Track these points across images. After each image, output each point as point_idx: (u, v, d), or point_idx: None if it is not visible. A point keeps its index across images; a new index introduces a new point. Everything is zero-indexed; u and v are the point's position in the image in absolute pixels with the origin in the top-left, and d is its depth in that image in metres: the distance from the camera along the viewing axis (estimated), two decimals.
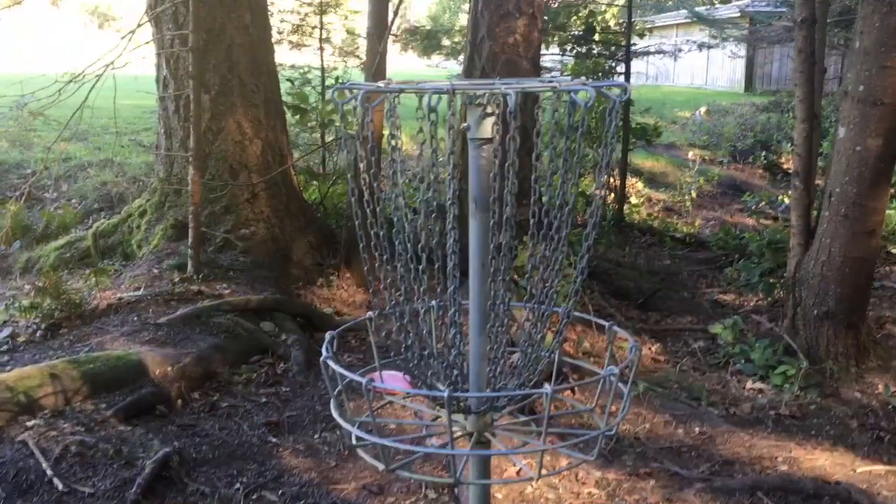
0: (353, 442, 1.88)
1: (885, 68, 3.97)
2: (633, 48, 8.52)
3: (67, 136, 6.69)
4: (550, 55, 9.46)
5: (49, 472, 2.98)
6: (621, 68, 8.41)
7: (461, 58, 11.34)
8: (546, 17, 7.43)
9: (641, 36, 8.62)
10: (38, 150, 8.80)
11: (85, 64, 5.44)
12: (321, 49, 7.22)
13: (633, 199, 9.18)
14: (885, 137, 4.04)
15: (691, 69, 24.30)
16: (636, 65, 8.99)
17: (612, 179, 7.55)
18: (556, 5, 8.90)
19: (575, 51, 8.56)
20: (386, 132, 1.78)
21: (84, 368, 3.66)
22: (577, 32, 8.59)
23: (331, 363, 1.86)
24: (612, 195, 7.97)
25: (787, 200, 8.99)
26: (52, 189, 7.61)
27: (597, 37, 8.49)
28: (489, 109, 1.82)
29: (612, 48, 8.51)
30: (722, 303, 5.85)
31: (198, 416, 3.69)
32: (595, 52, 8.47)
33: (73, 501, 2.88)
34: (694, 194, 9.72)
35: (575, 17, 8.80)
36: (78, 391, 3.57)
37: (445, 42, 12.41)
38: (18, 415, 3.37)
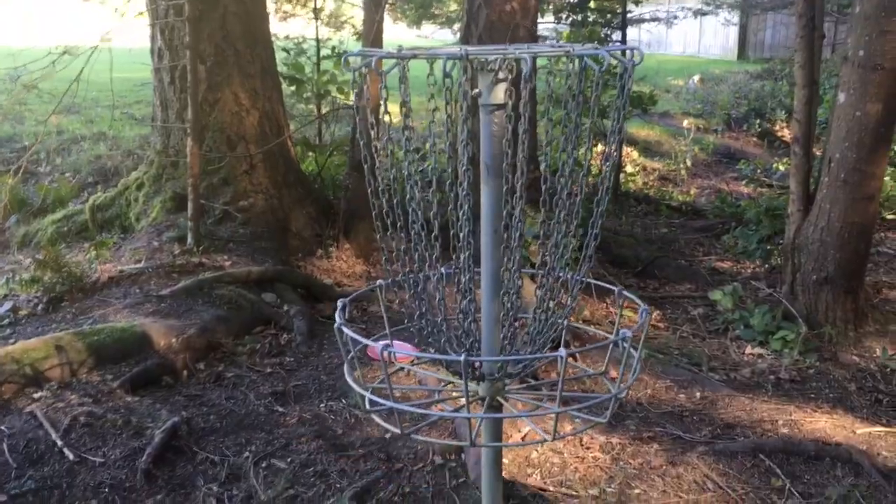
0: (367, 406, 1.90)
1: (885, 32, 3.97)
2: (628, 15, 8.48)
3: (60, 110, 6.64)
4: (545, 23, 9.40)
5: (59, 442, 3.01)
6: (616, 36, 8.37)
7: (456, 27, 11.25)
8: None
9: (637, 3, 8.57)
10: (31, 123, 8.74)
11: (75, 37, 5.39)
12: (316, 19, 7.14)
13: (629, 168, 9.18)
14: (885, 102, 4.05)
15: (684, 37, 24.20)
16: (630, 32, 8.95)
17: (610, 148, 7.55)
18: None
19: (570, 18, 8.50)
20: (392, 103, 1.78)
21: (89, 340, 3.67)
22: (572, 0, 8.54)
23: (346, 329, 1.87)
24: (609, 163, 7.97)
25: (781, 168, 9.01)
26: (46, 163, 7.56)
27: (592, 4, 8.44)
28: (501, 75, 1.81)
29: (608, 16, 8.46)
30: (720, 270, 5.88)
31: (204, 387, 3.71)
32: (590, 19, 8.42)
33: (85, 470, 2.90)
34: (689, 163, 9.72)
35: None
36: (83, 363, 3.58)
37: (437, 11, 12.30)
38: (25, 386, 3.39)
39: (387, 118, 1.83)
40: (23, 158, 5.95)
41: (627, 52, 1.76)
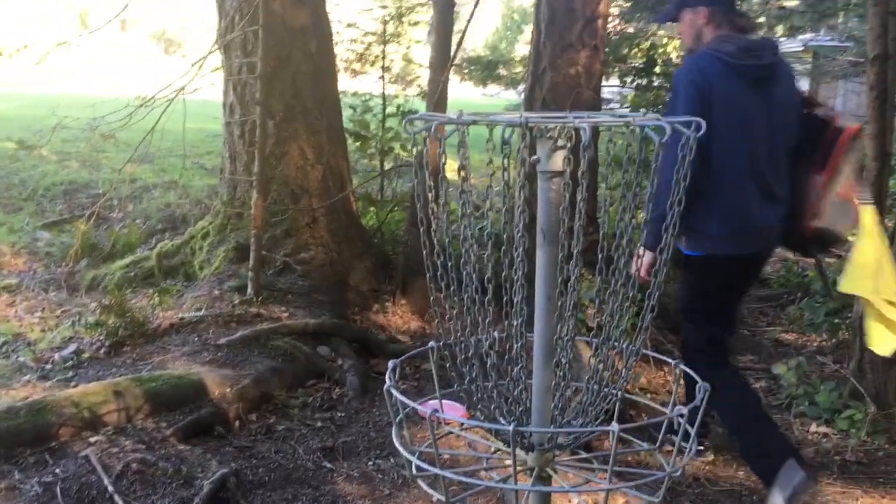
0: (414, 472, 1.87)
1: None
2: None
3: (135, 158, 6.89)
4: (610, 86, 9.42)
5: (111, 488, 3.04)
6: None
7: (520, 87, 11.37)
8: (607, 49, 7.42)
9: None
10: (106, 170, 9.09)
11: (152, 88, 5.62)
12: (383, 78, 7.31)
13: None
14: None
15: None
16: None
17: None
18: (616, 37, 8.88)
19: (636, 83, 8.51)
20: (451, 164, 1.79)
21: (146, 387, 3.73)
22: (637, 65, 8.55)
23: (395, 392, 1.86)
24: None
25: (851, 239, 8.76)
26: (119, 209, 7.82)
27: (658, 69, 8.43)
28: (560, 142, 1.81)
29: None
30: (784, 342, 5.70)
31: (255, 438, 3.72)
32: (655, 84, 8.41)
33: None
34: None
35: (636, 50, 8.76)
36: (140, 409, 3.64)
37: (503, 72, 12.46)
38: (82, 430, 3.45)
39: (445, 180, 1.83)
40: (96, 205, 6.17)
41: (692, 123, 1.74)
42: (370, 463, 3.56)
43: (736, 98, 3.10)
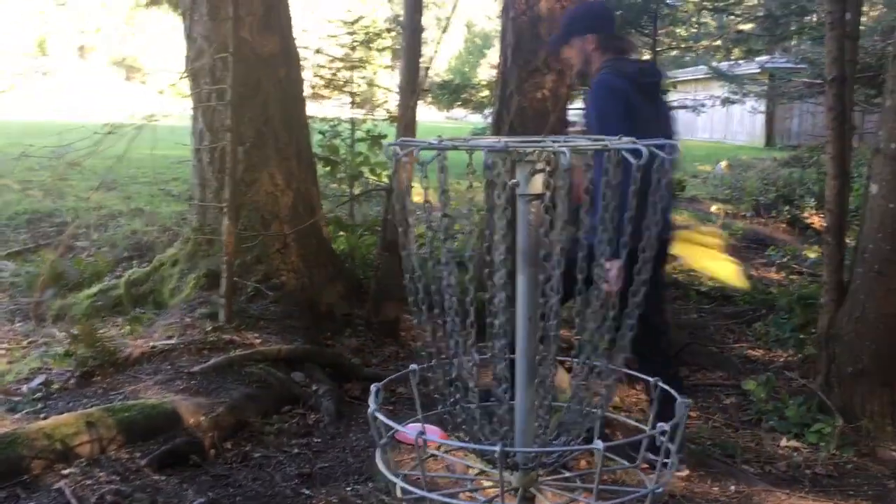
0: (399, 494, 1.89)
1: None
2: None
3: (102, 186, 6.84)
4: (574, 110, 9.55)
5: None
6: None
7: (486, 111, 11.47)
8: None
9: (665, 92, 8.70)
10: (70, 199, 8.98)
11: (114, 114, 5.59)
12: (352, 103, 7.36)
13: None
14: None
15: (710, 123, 24.47)
16: None
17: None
18: None
19: None
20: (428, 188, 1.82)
21: (119, 417, 3.68)
22: None
23: (379, 415, 1.88)
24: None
25: (812, 255, 8.94)
26: (85, 237, 7.72)
27: None
28: (539, 166, 1.85)
29: None
30: (752, 358, 5.80)
31: (231, 467, 3.69)
32: None
33: None
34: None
35: None
36: (113, 439, 3.59)
37: (468, 97, 12.61)
38: (55, 462, 3.39)
39: (423, 204, 1.86)
40: (64, 235, 6.09)
41: (666, 146, 1.80)
42: (349, 488, 3.55)
43: (643, 111, 3.49)
